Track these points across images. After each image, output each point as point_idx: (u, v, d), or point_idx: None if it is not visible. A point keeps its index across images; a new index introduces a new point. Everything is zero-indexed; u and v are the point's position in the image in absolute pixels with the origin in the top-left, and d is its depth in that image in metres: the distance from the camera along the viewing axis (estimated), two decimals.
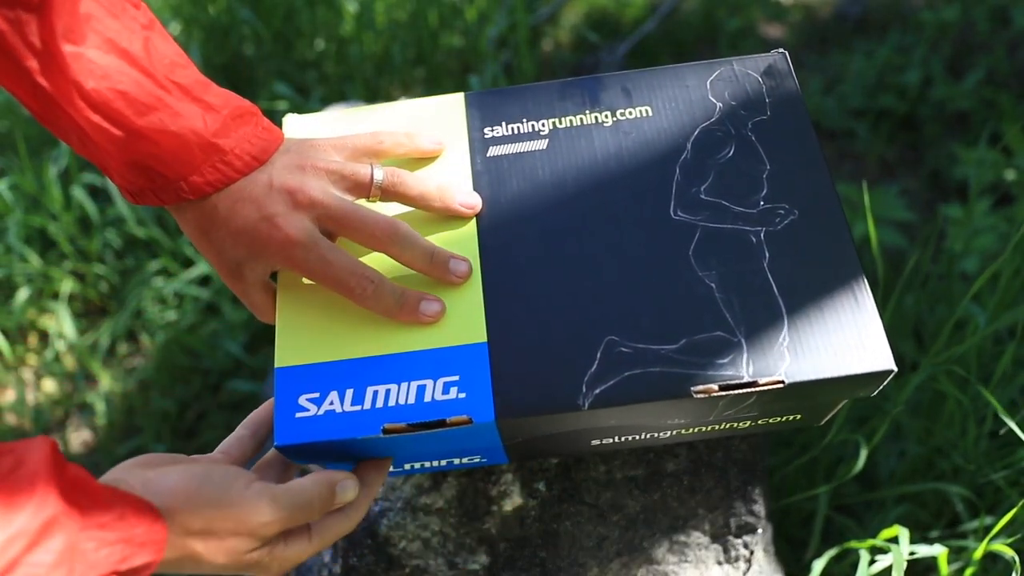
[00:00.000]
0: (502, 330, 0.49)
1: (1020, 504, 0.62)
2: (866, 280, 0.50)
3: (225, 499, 0.42)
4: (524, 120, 0.57)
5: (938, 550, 0.62)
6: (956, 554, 0.72)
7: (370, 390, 0.48)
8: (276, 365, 0.49)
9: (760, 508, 0.64)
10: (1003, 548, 0.61)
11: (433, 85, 1.40)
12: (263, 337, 1.17)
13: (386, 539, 0.60)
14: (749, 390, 0.47)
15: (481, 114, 0.57)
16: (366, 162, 0.52)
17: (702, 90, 0.57)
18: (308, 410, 0.47)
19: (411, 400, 0.47)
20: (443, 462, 0.57)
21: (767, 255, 0.51)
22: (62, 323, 1.19)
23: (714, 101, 0.56)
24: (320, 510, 0.46)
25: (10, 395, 1.19)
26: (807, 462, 0.82)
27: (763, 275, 0.50)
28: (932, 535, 0.78)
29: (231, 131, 0.48)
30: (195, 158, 0.47)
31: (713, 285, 0.50)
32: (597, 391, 0.47)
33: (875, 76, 1.34)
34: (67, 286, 1.21)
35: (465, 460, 0.57)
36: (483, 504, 0.61)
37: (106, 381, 1.16)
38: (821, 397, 0.51)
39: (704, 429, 0.55)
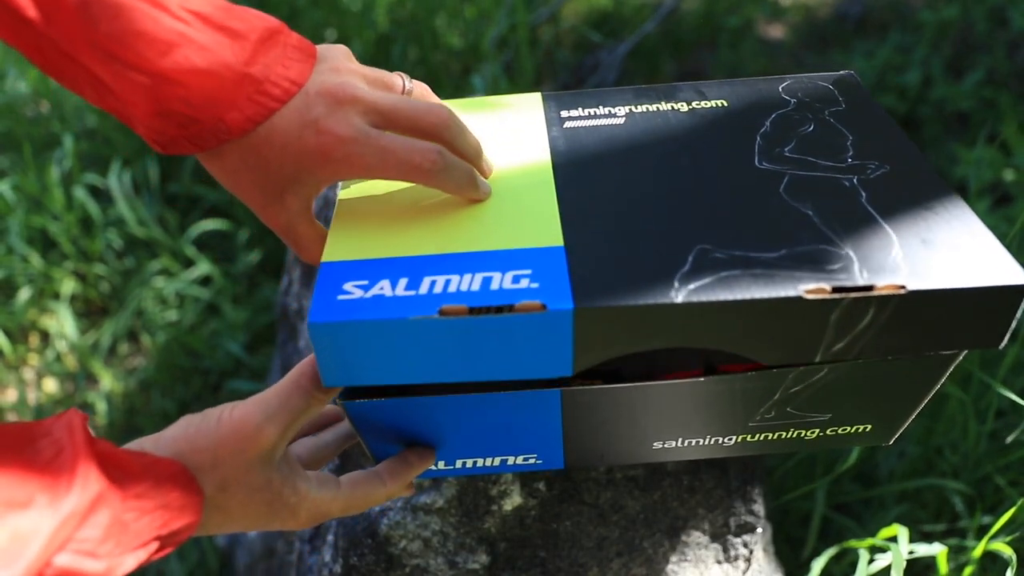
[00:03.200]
0: (580, 236, 0.45)
1: (1019, 503, 0.62)
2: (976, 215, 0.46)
3: (214, 427, 0.42)
4: (601, 107, 0.57)
5: (937, 549, 0.62)
6: (955, 553, 0.72)
7: (427, 279, 0.43)
8: (323, 260, 0.45)
9: (760, 508, 0.64)
10: (1002, 547, 0.61)
11: (433, 85, 1.40)
12: (263, 337, 1.17)
13: (386, 538, 0.60)
14: (866, 294, 0.41)
15: (558, 103, 0.58)
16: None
17: (775, 91, 0.58)
18: (352, 294, 0.42)
19: (475, 288, 0.42)
20: (496, 461, 0.55)
21: (863, 194, 0.47)
22: (63, 323, 1.19)
23: (787, 98, 0.57)
24: (314, 388, 0.44)
25: (11, 395, 1.19)
26: (805, 460, 0.82)
27: (863, 208, 0.46)
28: (931, 533, 0.78)
29: (260, 56, 0.44)
30: (230, 95, 0.43)
31: (810, 212, 0.46)
32: (691, 286, 0.41)
33: (875, 76, 1.34)
34: (68, 286, 1.21)
35: (520, 460, 0.55)
36: (483, 504, 0.61)
37: (107, 381, 1.17)
38: (940, 335, 0.44)
39: (770, 436, 0.53)
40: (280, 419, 0.43)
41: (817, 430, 0.53)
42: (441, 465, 0.55)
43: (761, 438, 0.53)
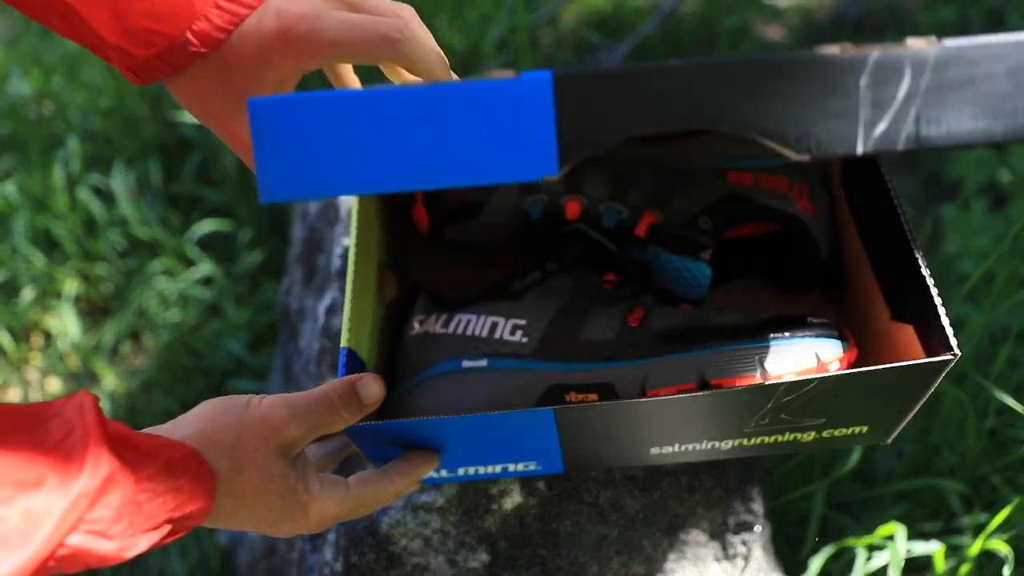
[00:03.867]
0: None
1: (1015, 502, 0.63)
2: None
3: (243, 411, 0.43)
4: None
5: (934, 547, 0.63)
6: (952, 552, 0.73)
7: None
8: None
9: (758, 507, 0.64)
10: (999, 545, 0.61)
11: None
12: (265, 337, 1.18)
13: (387, 537, 0.61)
14: None
15: None
16: None
17: None
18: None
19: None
20: (497, 468, 0.56)
21: None
22: (66, 323, 1.20)
23: None
24: (343, 408, 0.45)
25: (15, 394, 1.20)
26: (805, 461, 0.82)
27: None
28: (928, 531, 0.78)
29: None
30: (194, 4, 0.41)
31: None
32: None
33: None
34: (71, 286, 1.22)
35: (520, 467, 0.56)
36: (483, 502, 0.61)
37: (109, 381, 1.17)
38: None
39: (766, 440, 0.54)
40: (305, 421, 0.44)
41: (813, 433, 0.53)
42: (443, 473, 0.55)
43: (757, 441, 0.54)
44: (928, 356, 0.50)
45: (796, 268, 0.61)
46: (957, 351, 0.47)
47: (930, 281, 0.49)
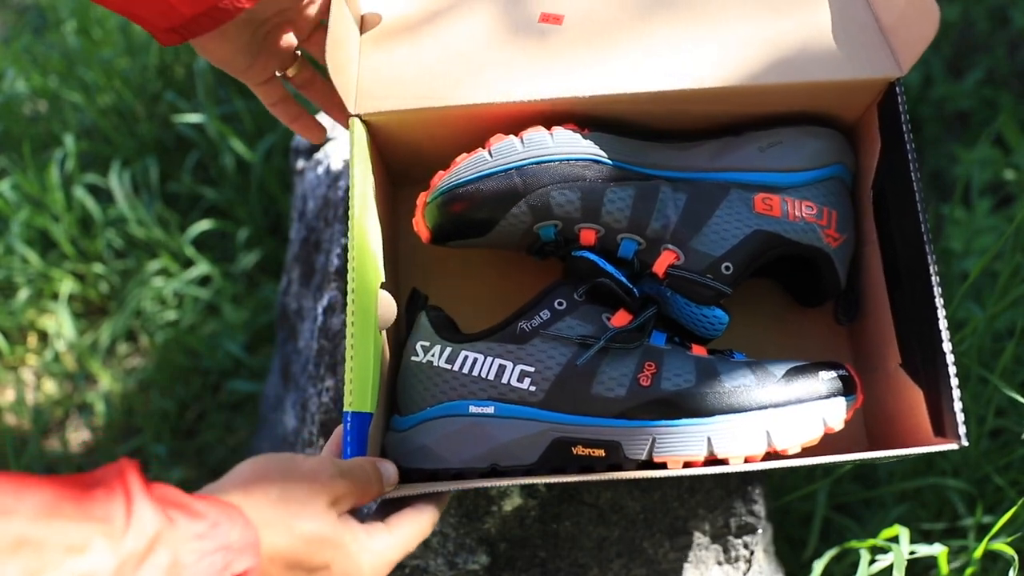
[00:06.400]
0: None
1: (1019, 503, 0.62)
2: None
3: (292, 465, 0.43)
4: None
5: (938, 549, 0.62)
6: (956, 553, 0.72)
7: None
8: None
9: (760, 508, 0.64)
10: (1003, 547, 0.61)
11: None
12: (263, 337, 1.17)
13: None
14: None
15: None
16: None
17: None
18: None
19: None
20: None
21: None
22: (62, 323, 1.19)
23: None
24: (375, 481, 0.47)
25: (10, 395, 1.19)
26: None
27: None
28: (932, 532, 0.78)
29: None
30: None
31: None
32: None
33: None
34: (67, 286, 1.21)
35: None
36: (483, 504, 0.61)
37: (106, 381, 1.16)
38: None
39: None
40: (351, 480, 0.45)
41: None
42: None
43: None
44: (935, 431, 0.51)
45: (812, 287, 0.61)
46: (965, 442, 0.48)
47: (950, 359, 0.50)
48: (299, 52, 0.61)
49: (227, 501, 0.39)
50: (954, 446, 0.48)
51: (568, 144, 0.57)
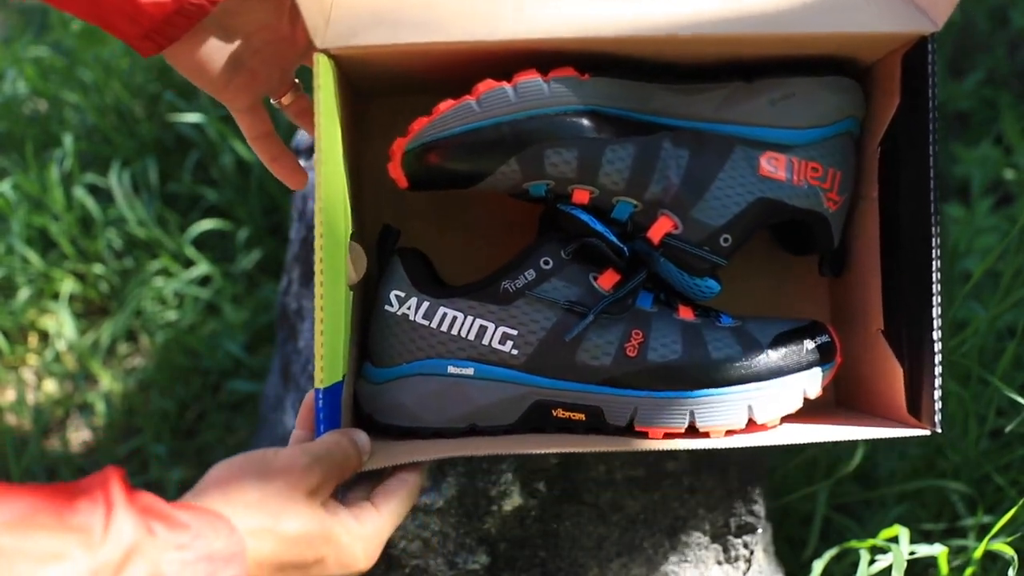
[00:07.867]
0: None
1: (1020, 503, 0.62)
2: None
3: (264, 463, 0.42)
4: None
5: (938, 549, 0.62)
6: (956, 553, 0.72)
7: None
8: None
9: (760, 508, 0.64)
10: (1003, 547, 0.61)
11: None
12: (263, 337, 1.17)
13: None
14: None
15: None
16: None
17: None
18: None
19: None
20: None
21: None
22: (62, 323, 1.19)
23: None
24: (353, 456, 0.46)
25: (10, 395, 1.19)
26: (806, 461, 0.82)
27: None
28: (931, 533, 0.78)
29: None
30: None
31: None
32: None
33: None
34: (67, 286, 1.21)
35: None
36: (483, 504, 0.61)
37: (106, 381, 1.16)
38: None
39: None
40: (326, 463, 0.44)
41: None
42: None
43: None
44: (909, 409, 0.51)
45: (802, 241, 0.59)
46: (939, 428, 0.47)
47: (937, 335, 0.48)
48: (297, 80, 0.57)
49: (212, 510, 0.39)
50: (926, 432, 0.47)
51: (565, 95, 0.51)
